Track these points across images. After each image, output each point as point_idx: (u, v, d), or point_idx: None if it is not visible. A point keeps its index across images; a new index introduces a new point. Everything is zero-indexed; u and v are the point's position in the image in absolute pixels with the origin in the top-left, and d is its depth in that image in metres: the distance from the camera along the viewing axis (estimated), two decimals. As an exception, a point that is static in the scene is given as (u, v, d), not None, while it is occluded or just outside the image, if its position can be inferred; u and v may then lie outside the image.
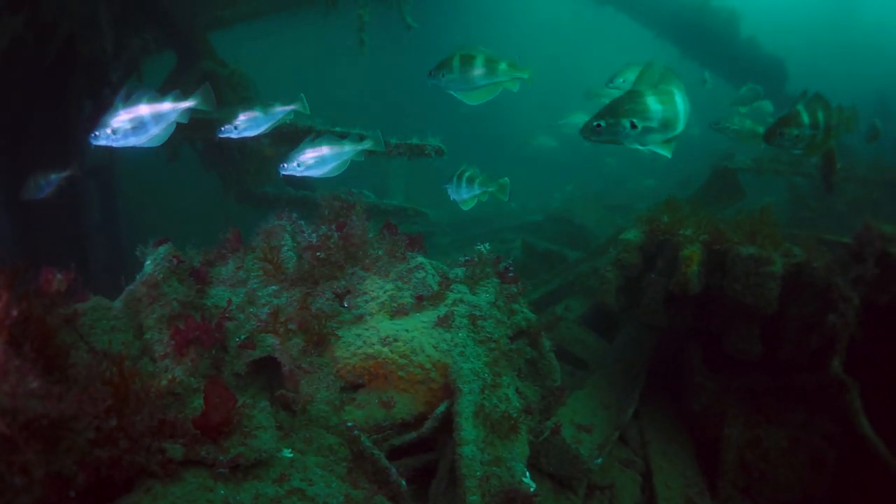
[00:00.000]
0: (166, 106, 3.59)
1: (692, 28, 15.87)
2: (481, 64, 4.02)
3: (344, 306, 3.82)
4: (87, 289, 3.37)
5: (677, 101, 3.00)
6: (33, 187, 5.38)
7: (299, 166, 4.14)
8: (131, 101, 3.50)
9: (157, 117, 3.55)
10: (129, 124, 3.47)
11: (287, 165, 4.14)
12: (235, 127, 4.24)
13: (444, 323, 3.63)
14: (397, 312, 3.78)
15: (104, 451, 2.25)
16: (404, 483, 3.12)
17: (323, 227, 4.04)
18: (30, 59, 6.97)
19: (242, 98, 8.50)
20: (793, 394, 5.17)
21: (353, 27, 8.48)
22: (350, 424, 3.26)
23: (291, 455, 3.04)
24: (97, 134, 3.47)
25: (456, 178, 4.61)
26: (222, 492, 2.62)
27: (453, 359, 3.47)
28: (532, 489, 3.19)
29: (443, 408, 3.36)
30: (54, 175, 5.37)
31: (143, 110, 3.52)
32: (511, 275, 4.30)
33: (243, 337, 3.59)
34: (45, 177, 5.37)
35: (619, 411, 5.56)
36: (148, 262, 3.66)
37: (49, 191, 5.40)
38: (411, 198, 12.53)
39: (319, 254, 3.87)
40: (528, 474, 3.29)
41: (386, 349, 3.50)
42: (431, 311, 3.76)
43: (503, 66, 4.04)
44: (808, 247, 5.00)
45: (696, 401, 5.48)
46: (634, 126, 2.94)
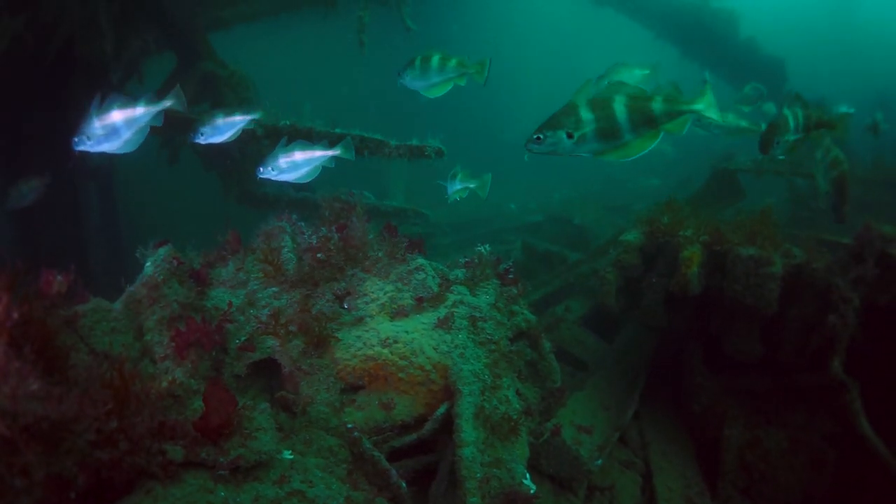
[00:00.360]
0: (139, 110, 3.60)
1: (692, 28, 15.89)
2: (437, 63, 4.54)
3: (344, 308, 3.82)
4: (88, 290, 3.36)
5: (615, 109, 3.04)
6: (16, 196, 5.36)
7: (273, 170, 4.29)
8: (104, 107, 3.52)
9: (129, 122, 3.56)
10: (101, 131, 3.49)
11: (263, 169, 4.30)
12: (202, 134, 4.32)
13: (445, 324, 3.63)
14: (397, 314, 3.78)
15: (104, 453, 2.24)
16: (404, 485, 3.12)
17: (323, 228, 4.04)
18: (30, 59, 6.97)
19: (242, 99, 8.50)
20: (793, 394, 5.18)
21: (352, 28, 8.49)
22: (350, 426, 3.26)
23: (291, 457, 3.03)
24: (76, 140, 3.50)
25: (450, 178, 5.37)
26: (222, 493, 2.62)
27: (453, 360, 3.46)
28: (532, 491, 3.18)
29: (443, 409, 3.35)
30: (35, 181, 5.36)
31: (116, 116, 3.54)
32: (511, 276, 4.30)
33: (243, 339, 3.58)
34: (27, 184, 5.36)
35: (619, 412, 5.56)
36: (148, 264, 3.65)
37: (32, 198, 5.38)
38: (411, 199, 12.54)
39: (319, 255, 3.87)
40: (528, 476, 3.29)
41: (386, 351, 3.50)
42: (431, 312, 3.76)
43: (453, 63, 4.53)
44: (808, 247, 5.00)
45: (697, 401, 5.49)
46: (570, 136, 3.09)
